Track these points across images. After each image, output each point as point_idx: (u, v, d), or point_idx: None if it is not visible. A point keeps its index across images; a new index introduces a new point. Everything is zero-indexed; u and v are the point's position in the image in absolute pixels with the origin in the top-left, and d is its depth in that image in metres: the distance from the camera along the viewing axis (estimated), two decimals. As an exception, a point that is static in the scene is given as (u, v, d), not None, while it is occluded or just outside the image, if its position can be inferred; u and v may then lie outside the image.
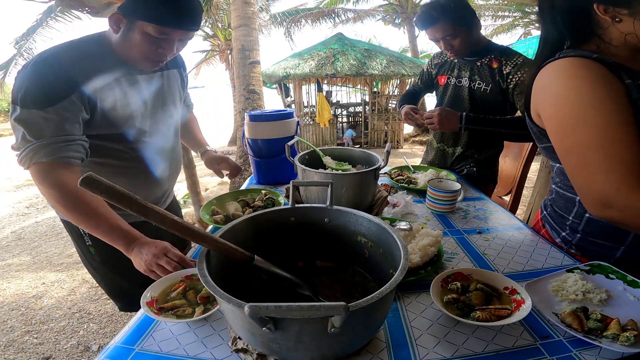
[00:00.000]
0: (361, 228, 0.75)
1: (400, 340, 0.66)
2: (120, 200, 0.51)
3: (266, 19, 10.24)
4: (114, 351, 0.65)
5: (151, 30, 0.91)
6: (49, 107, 0.86)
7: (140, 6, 0.89)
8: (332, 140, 8.10)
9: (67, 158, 0.89)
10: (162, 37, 0.93)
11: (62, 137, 0.88)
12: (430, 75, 1.81)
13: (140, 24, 0.90)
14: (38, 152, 0.86)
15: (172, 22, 0.92)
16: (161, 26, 0.90)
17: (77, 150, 0.91)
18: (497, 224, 1.15)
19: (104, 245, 1.18)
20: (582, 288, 0.75)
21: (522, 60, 1.45)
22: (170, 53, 1.00)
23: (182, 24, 0.94)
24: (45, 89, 0.86)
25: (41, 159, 0.87)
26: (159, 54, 0.98)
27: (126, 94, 1.02)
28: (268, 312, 0.42)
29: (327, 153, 1.34)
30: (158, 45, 0.95)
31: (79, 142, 0.92)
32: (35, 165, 0.87)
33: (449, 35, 1.44)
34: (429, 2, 1.45)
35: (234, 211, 1.18)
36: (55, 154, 0.87)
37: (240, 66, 4.30)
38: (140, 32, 0.92)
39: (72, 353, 2.05)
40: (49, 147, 0.87)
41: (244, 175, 4.20)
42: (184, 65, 1.33)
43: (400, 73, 7.44)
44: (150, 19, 0.89)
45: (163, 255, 0.87)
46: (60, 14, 6.95)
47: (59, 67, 0.89)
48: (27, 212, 4.63)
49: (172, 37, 0.95)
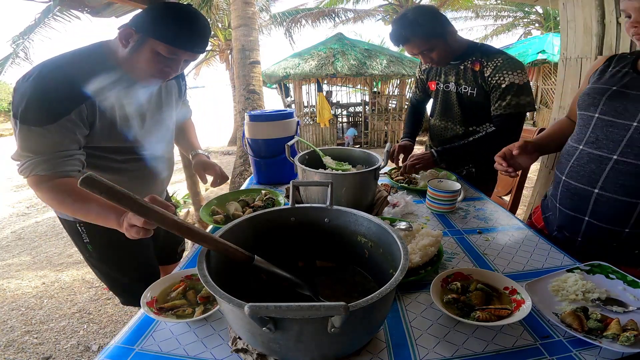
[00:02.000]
0: (361, 228, 0.75)
1: (400, 340, 0.66)
2: (121, 200, 0.51)
3: (266, 19, 10.24)
4: (114, 351, 0.65)
5: (162, 50, 0.92)
6: (48, 124, 0.86)
7: (156, 25, 0.90)
8: (332, 140, 8.10)
9: (65, 172, 0.90)
10: (172, 57, 0.94)
11: (61, 153, 0.89)
12: (423, 82, 1.78)
13: (151, 42, 0.91)
14: (37, 167, 0.88)
15: (184, 45, 0.93)
16: (173, 47, 0.92)
17: (74, 165, 0.93)
18: (497, 224, 1.15)
19: (100, 242, 1.20)
20: (582, 288, 0.75)
21: (502, 61, 1.38)
22: (175, 72, 1.01)
23: (193, 47, 0.95)
24: (46, 106, 0.86)
25: (39, 172, 0.88)
26: (164, 72, 0.99)
27: (125, 106, 1.03)
28: (268, 312, 0.42)
29: (327, 153, 1.34)
30: (165, 64, 0.96)
31: (76, 156, 0.93)
32: (33, 177, 0.89)
33: (426, 50, 1.41)
34: (397, 20, 1.39)
35: (234, 211, 1.18)
36: (54, 168, 0.89)
37: (240, 66, 4.30)
38: (150, 50, 0.92)
39: (72, 353, 2.05)
40: (48, 163, 0.88)
41: (244, 175, 4.20)
42: (182, 74, 1.34)
43: (400, 73, 7.44)
44: (163, 38, 0.90)
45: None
46: (58, 14, 6.94)
47: (60, 83, 0.88)
48: (27, 212, 4.63)
49: (180, 58, 0.97)
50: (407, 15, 1.37)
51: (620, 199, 0.89)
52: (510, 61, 1.38)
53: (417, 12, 1.36)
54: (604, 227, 0.94)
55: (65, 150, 0.90)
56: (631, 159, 0.86)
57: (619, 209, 0.90)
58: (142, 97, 1.09)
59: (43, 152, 0.88)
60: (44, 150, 0.88)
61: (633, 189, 0.87)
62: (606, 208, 0.92)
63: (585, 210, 0.96)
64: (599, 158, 0.92)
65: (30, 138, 0.87)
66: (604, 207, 0.92)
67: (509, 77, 1.37)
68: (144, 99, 1.10)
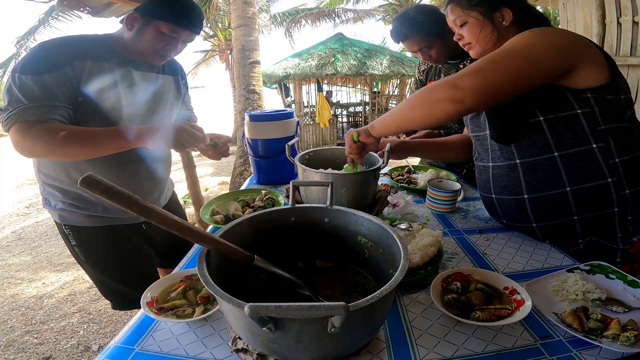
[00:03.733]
0: (361, 228, 0.75)
1: (400, 340, 0.66)
2: (120, 200, 0.51)
3: (266, 19, 10.24)
4: (114, 351, 0.65)
5: (165, 29, 1.06)
6: (44, 73, 0.93)
7: (160, 8, 1.04)
8: (332, 140, 8.10)
9: (52, 119, 0.95)
10: (173, 35, 1.08)
11: (52, 103, 0.95)
12: (422, 83, 1.80)
13: (155, 23, 1.05)
14: (26, 112, 0.92)
15: (184, 23, 1.08)
16: (175, 25, 1.06)
17: (62, 115, 0.98)
18: (497, 224, 1.15)
19: (86, 245, 1.20)
20: (582, 288, 0.75)
21: None
22: (174, 51, 1.14)
23: (191, 26, 1.10)
24: (43, 58, 0.96)
25: (27, 118, 0.92)
26: (165, 49, 1.11)
27: (117, 83, 1.09)
28: (268, 312, 0.42)
29: (327, 153, 1.34)
30: (167, 42, 1.09)
31: (65, 108, 0.98)
32: (20, 123, 0.92)
33: (424, 47, 1.45)
34: (398, 17, 1.44)
35: (234, 211, 1.18)
36: (43, 115, 0.93)
37: (240, 66, 4.30)
38: (155, 29, 1.06)
39: (72, 353, 2.05)
40: (38, 109, 0.93)
41: (244, 175, 4.20)
42: (182, 72, 1.38)
43: (400, 73, 7.44)
44: (166, 18, 1.05)
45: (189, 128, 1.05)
46: (61, 14, 6.96)
47: (59, 44, 1.00)
48: (27, 212, 4.63)
49: (180, 37, 1.10)
50: (407, 12, 1.41)
51: (508, 198, 1.00)
52: None
53: (417, 10, 1.40)
54: (518, 226, 1.05)
55: (56, 101, 0.95)
56: (500, 162, 1.00)
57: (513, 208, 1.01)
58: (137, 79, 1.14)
59: (35, 99, 0.93)
60: (37, 98, 0.93)
61: (513, 187, 0.98)
62: (507, 209, 1.03)
63: (498, 214, 1.08)
64: (484, 168, 1.07)
65: (26, 86, 0.92)
66: (506, 208, 1.04)
67: None
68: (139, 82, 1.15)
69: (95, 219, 1.15)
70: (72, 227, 1.16)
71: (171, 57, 1.17)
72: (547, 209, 0.95)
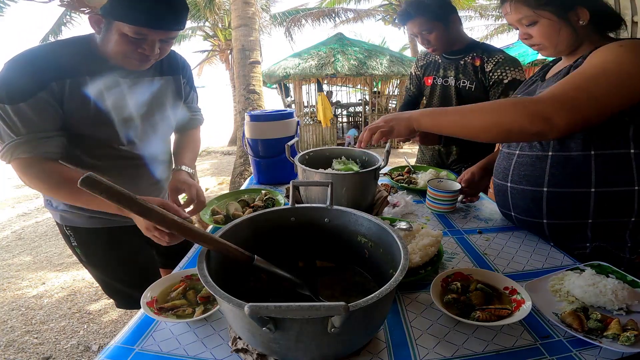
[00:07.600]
0: (361, 228, 0.75)
1: (400, 340, 0.66)
2: (120, 200, 0.51)
3: (266, 19, 10.24)
4: (114, 351, 0.65)
5: (127, 31, 0.87)
6: (20, 102, 0.86)
7: (116, 6, 0.85)
8: (332, 140, 8.10)
9: (46, 153, 0.91)
10: (139, 37, 0.89)
11: (38, 134, 0.89)
12: (418, 78, 1.82)
13: (117, 24, 0.87)
14: (17, 149, 0.88)
15: (148, 23, 0.87)
16: (136, 27, 0.87)
17: (55, 146, 0.93)
18: (498, 224, 1.15)
19: (87, 246, 1.19)
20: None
21: (503, 58, 1.47)
22: (153, 54, 0.95)
23: (160, 24, 0.89)
24: (14, 85, 0.86)
25: (20, 155, 0.89)
26: (139, 54, 0.94)
27: (103, 96, 0.99)
28: (268, 312, 0.42)
29: (327, 153, 1.34)
30: (137, 45, 0.92)
31: (56, 137, 0.93)
32: (17, 160, 0.90)
33: (425, 30, 1.48)
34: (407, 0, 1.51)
35: (234, 211, 1.18)
36: (34, 150, 0.89)
37: (240, 66, 4.30)
38: (118, 33, 0.88)
39: (72, 353, 2.05)
40: (28, 144, 0.88)
41: (244, 175, 4.20)
42: (184, 71, 1.24)
43: (400, 73, 7.44)
44: (125, 18, 0.86)
45: (153, 228, 0.85)
46: (69, 17, 6.98)
47: (30, 64, 0.89)
48: (27, 212, 4.63)
49: (151, 38, 0.92)
50: None
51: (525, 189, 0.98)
52: (510, 58, 1.47)
53: None
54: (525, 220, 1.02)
55: (42, 131, 0.90)
56: (528, 152, 0.97)
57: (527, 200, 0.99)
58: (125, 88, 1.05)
59: (20, 132, 0.88)
60: (21, 131, 0.88)
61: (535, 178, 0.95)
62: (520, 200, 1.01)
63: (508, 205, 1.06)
64: (508, 155, 1.04)
65: (9, 118, 0.87)
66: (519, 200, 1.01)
67: (511, 73, 1.44)
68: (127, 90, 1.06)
69: (97, 220, 1.15)
70: (74, 228, 1.16)
71: (155, 59, 0.99)
72: (564, 206, 0.92)
